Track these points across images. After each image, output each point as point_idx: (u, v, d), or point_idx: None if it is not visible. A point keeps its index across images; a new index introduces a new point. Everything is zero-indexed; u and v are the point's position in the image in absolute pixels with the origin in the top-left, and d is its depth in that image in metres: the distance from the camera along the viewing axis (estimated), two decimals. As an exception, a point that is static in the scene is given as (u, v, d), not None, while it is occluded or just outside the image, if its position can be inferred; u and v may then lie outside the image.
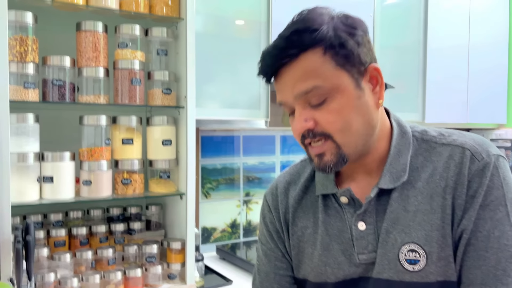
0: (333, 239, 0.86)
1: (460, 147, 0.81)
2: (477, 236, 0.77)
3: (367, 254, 0.83)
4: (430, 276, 0.78)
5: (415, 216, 0.80)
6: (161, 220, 1.78)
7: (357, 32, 0.79)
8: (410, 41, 2.43)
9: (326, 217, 0.88)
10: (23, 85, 1.39)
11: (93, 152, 1.51)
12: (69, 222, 1.65)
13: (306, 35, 0.76)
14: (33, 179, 1.42)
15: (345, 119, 0.78)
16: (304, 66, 0.77)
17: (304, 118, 0.79)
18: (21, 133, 1.40)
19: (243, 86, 1.92)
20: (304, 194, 0.93)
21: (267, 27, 1.94)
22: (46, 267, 1.45)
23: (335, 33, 0.77)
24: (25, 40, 1.39)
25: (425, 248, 0.78)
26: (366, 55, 0.80)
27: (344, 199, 0.85)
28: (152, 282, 1.57)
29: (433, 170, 0.82)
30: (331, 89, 0.77)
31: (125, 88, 1.55)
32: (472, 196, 0.78)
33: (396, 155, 0.84)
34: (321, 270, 0.87)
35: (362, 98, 0.79)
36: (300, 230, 0.92)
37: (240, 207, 2.29)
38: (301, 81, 0.77)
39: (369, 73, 0.81)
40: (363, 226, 0.83)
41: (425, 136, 0.86)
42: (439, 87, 2.51)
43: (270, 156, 2.36)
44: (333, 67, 0.77)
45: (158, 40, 1.64)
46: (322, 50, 0.76)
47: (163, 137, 1.62)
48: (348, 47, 0.77)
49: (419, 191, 0.81)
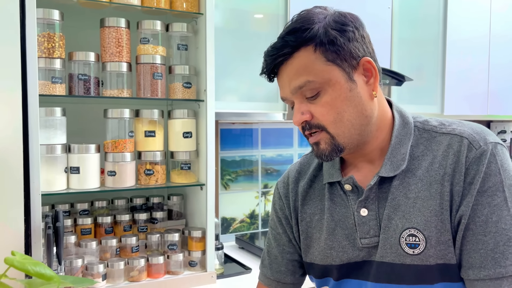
0: (338, 224, 0.91)
1: (459, 136, 0.85)
2: (475, 221, 0.80)
3: (369, 238, 0.88)
4: (429, 259, 0.82)
5: (415, 203, 0.84)
6: (182, 210, 1.84)
7: (348, 29, 0.84)
8: (429, 33, 2.42)
9: (332, 204, 0.93)
10: (50, 80, 1.46)
11: (117, 144, 1.57)
12: (94, 211, 1.72)
13: (298, 34, 0.83)
14: (61, 170, 1.49)
15: (337, 110, 0.84)
16: (297, 63, 0.84)
17: (301, 111, 0.86)
18: (49, 126, 1.47)
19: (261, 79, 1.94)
20: (312, 183, 0.99)
21: (284, 21, 1.97)
22: (73, 253, 1.53)
23: (325, 31, 0.83)
24: (53, 36, 1.46)
25: (424, 233, 0.82)
26: (358, 49, 0.84)
27: (348, 187, 0.90)
28: (174, 269, 1.63)
29: (432, 159, 0.85)
30: (323, 83, 0.83)
31: (147, 82, 1.61)
32: (470, 183, 0.81)
33: (398, 144, 0.88)
34: (327, 253, 0.92)
35: (354, 90, 0.84)
36: (308, 217, 0.97)
37: (258, 198, 2.33)
38: (295, 77, 0.84)
39: (361, 66, 0.85)
40: (365, 212, 0.88)
41: (426, 126, 0.90)
42: (458, 79, 2.50)
43: (288, 149, 2.40)
44: (323, 63, 0.83)
45: (179, 35, 1.69)
46: (313, 47, 0.83)
47: (184, 130, 1.68)
48: (338, 43, 0.83)
49: (419, 178, 0.85)
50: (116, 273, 1.53)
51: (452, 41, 2.45)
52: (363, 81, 0.86)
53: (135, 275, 1.55)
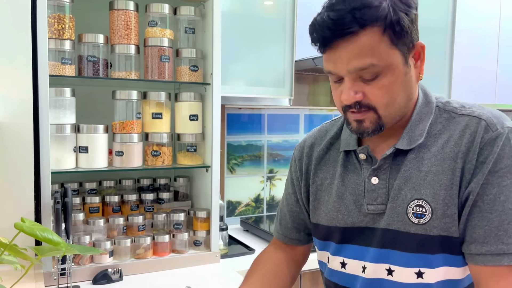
0: (347, 190, 0.95)
1: (477, 118, 0.87)
2: (483, 199, 0.82)
3: (375, 205, 0.91)
4: (433, 230, 0.85)
5: (426, 176, 0.87)
6: (188, 191, 1.88)
7: (412, 10, 0.82)
8: (438, 21, 2.41)
9: (345, 170, 0.97)
10: (60, 61, 1.49)
11: (124, 125, 1.60)
12: (102, 190, 1.76)
13: (368, 11, 0.78)
14: (70, 149, 1.53)
15: (392, 94, 0.84)
16: (362, 43, 0.79)
17: (354, 91, 0.84)
18: (59, 106, 1.51)
19: (268, 64, 1.97)
20: (328, 150, 1.02)
21: (292, 7, 1.98)
22: (82, 231, 1.57)
23: (394, 11, 0.79)
24: (63, 18, 1.49)
25: (431, 205, 0.85)
26: (416, 32, 0.85)
27: (363, 156, 0.93)
28: (179, 248, 1.67)
29: (449, 137, 0.88)
30: (384, 67, 0.82)
31: (154, 64, 1.64)
32: (482, 162, 0.83)
33: (417, 121, 0.90)
34: (333, 215, 0.96)
35: (408, 74, 0.85)
36: (320, 180, 1.01)
37: (263, 183, 2.36)
38: (357, 58, 0.80)
39: (415, 49, 0.86)
40: (376, 181, 0.91)
41: (447, 106, 0.92)
42: (466, 68, 2.49)
43: (294, 134, 2.42)
44: (389, 46, 0.81)
45: (186, 18, 1.71)
46: (381, 28, 0.79)
47: (190, 112, 1.71)
48: (405, 25, 0.81)
49: (433, 154, 0.88)
50: (122, 250, 1.57)
51: (461, 30, 2.45)
52: (413, 64, 0.87)
53: (141, 252, 1.60)
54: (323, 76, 2.46)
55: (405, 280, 0.88)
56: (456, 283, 0.88)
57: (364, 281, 0.92)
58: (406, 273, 0.88)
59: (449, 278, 0.88)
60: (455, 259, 0.87)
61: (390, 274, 0.89)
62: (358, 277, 0.94)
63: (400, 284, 0.89)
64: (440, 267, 0.87)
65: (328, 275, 1.01)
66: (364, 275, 0.92)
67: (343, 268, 0.96)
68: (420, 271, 0.87)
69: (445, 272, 0.87)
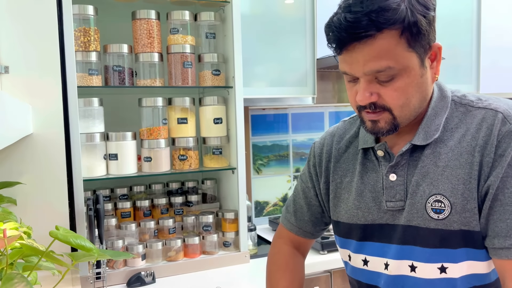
0: (367, 187, 0.96)
1: (494, 111, 0.86)
2: (504, 192, 0.81)
3: (394, 202, 0.91)
4: (453, 224, 0.84)
5: (444, 171, 0.86)
6: (216, 193, 1.91)
7: (430, 12, 0.82)
8: (463, 9, 2.36)
9: (364, 168, 0.97)
10: (87, 72, 1.55)
11: (152, 131, 1.65)
12: (133, 195, 1.81)
13: (385, 14, 0.77)
14: (100, 157, 1.59)
15: (407, 96, 0.84)
16: (379, 46, 0.79)
17: (369, 92, 0.84)
18: (88, 115, 1.56)
19: (290, 64, 1.98)
20: (347, 148, 1.03)
21: (312, 6, 1.98)
22: (115, 235, 1.62)
23: (412, 13, 0.79)
24: (88, 31, 1.54)
25: (450, 199, 0.85)
26: (433, 34, 0.85)
27: (380, 152, 0.94)
28: (209, 249, 1.70)
29: (465, 131, 0.87)
30: (401, 69, 0.82)
31: (178, 71, 1.67)
32: (500, 155, 0.82)
33: (433, 116, 0.90)
34: (353, 212, 0.97)
35: (424, 76, 0.85)
36: (339, 178, 1.02)
37: (290, 182, 2.37)
38: (374, 60, 0.80)
39: (432, 50, 0.86)
40: (394, 177, 0.91)
41: (463, 100, 0.92)
42: (495, 56, 2.43)
43: (319, 133, 2.42)
44: (405, 49, 0.81)
45: (207, 24, 1.74)
46: (399, 31, 0.79)
47: (215, 116, 1.73)
48: (422, 28, 0.80)
49: (450, 149, 0.87)
50: (154, 253, 1.61)
51: (487, 18, 2.39)
52: (429, 65, 0.87)
53: (172, 255, 1.64)
54: (346, 73, 2.45)
55: (428, 276, 0.88)
56: (482, 277, 0.88)
57: (388, 278, 0.93)
58: (429, 269, 0.88)
59: (474, 272, 0.87)
60: (478, 253, 0.86)
61: (413, 271, 0.89)
62: (381, 274, 0.94)
63: (424, 280, 0.88)
64: (463, 261, 0.86)
65: (350, 273, 1.02)
66: (387, 272, 0.93)
67: (366, 266, 0.97)
68: (443, 266, 0.87)
69: (468, 266, 0.86)
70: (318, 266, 1.75)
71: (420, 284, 0.89)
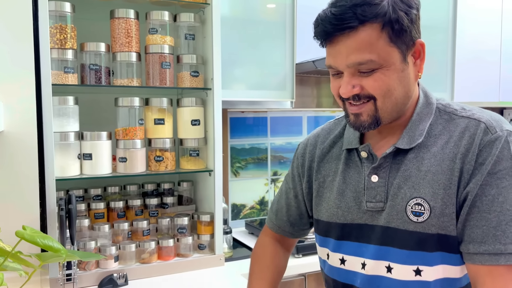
0: (348, 187, 0.97)
1: (477, 120, 0.89)
2: (482, 199, 0.83)
3: (374, 203, 0.93)
4: (431, 228, 0.86)
5: (426, 175, 0.88)
6: (192, 196, 1.90)
7: (412, 10, 0.85)
8: (439, 19, 2.41)
9: (346, 168, 0.99)
10: (63, 70, 1.52)
11: (127, 132, 1.63)
12: (107, 196, 1.78)
13: (368, 8, 0.82)
14: (74, 156, 1.56)
15: (388, 87, 0.86)
16: (361, 38, 0.83)
17: (352, 85, 0.87)
18: (62, 114, 1.54)
19: (269, 68, 1.99)
20: (331, 148, 1.05)
21: (292, 10, 2.00)
22: (87, 236, 1.60)
23: (393, 9, 0.83)
24: (64, 28, 1.51)
25: (430, 203, 0.87)
26: (416, 31, 0.87)
27: (364, 154, 0.95)
28: (184, 251, 1.68)
29: (448, 138, 0.89)
30: (382, 63, 0.85)
31: (156, 71, 1.66)
32: (481, 164, 0.84)
33: (417, 121, 0.92)
34: (334, 211, 0.99)
35: (405, 71, 0.88)
36: (322, 177, 1.04)
37: (268, 185, 2.37)
38: (356, 53, 0.84)
39: (415, 47, 0.88)
40: (376, 179, 0.93)
41: (447, 108, 0.94)
42: (469, 66, 2.49)
43: (297, 137, 2.43)
44: (387, 43, 0.84)
45: (186, 25, 1.73)
46: (380, 25, 0.83)
47: (192, 117, 1.72)
48: (404, 24, 0.84)
49: (433, 154, 0.89)
50: (127, 255, 1.59)
51: (463, 27, 2.44)
52: (412, 62, 0.89)
53: (146, 257, 1.62)
54: (326, 78, 2.47)
55: (404, 278, 0.90)
56: (454, 282, 0.89)
57: (364, 278, 0.94)
58: (405, 271, 0.89)
59: (447, 277, 0.89)
60: (453, 258, 0.88)
61: (389, 272, 0.91)
62: (357, 274, 0.95)
63: (399, 282, 0.90)
64: (438, 265, 0.88)
65: (328, 272, 1.03)
66: (364, 271, 0.94)
67: (343, 265, 0.98)
68: (418, 268, 0.88)
69: (443, 270, 0.88)
70: (292, 269, 1.75)
71: (395, 285, 0.91)
